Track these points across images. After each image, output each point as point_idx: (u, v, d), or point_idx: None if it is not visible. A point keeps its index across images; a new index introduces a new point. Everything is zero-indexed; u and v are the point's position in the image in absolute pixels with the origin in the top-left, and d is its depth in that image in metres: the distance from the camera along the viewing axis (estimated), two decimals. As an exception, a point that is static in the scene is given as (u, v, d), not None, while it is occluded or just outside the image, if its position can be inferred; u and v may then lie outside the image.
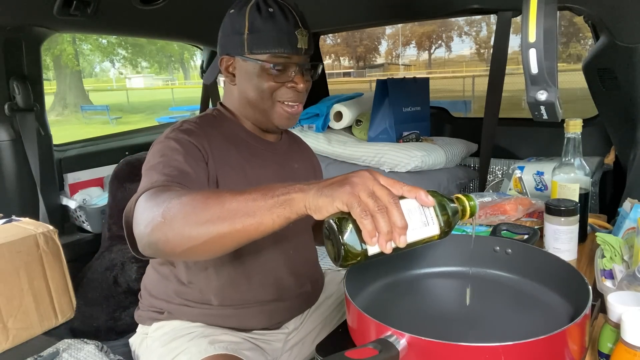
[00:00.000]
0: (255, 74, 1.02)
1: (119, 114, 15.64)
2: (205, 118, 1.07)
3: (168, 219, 0.70)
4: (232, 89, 1.08)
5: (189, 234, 0.68)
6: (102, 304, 1.76)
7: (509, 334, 0.64)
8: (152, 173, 0.88)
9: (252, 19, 0.98)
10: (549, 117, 0.88)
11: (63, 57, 15.60)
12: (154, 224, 0.71)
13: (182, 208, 0.70)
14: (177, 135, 0.96)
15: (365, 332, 0.70)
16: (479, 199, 1.48)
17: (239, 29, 1.00)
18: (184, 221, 0.68)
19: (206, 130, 1.02)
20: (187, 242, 0.68)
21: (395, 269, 0.95)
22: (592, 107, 1.92)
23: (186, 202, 0.70)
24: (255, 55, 1.00)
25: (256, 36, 0.99)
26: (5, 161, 1.74)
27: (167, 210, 0.71)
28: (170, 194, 0.75)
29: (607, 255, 1.01)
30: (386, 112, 2.19)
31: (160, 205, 0.73)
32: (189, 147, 0.95)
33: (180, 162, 0.91)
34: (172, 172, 0.87)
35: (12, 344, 1.17)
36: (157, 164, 0.90)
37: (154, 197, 0.77)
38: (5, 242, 1.18)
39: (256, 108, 1.05)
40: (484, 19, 29.99)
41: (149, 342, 1.09)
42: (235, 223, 0.64)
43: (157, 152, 0.94)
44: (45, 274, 1.26)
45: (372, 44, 37.85)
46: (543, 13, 0.79)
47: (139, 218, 0.75)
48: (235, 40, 1.01)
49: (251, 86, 1.03)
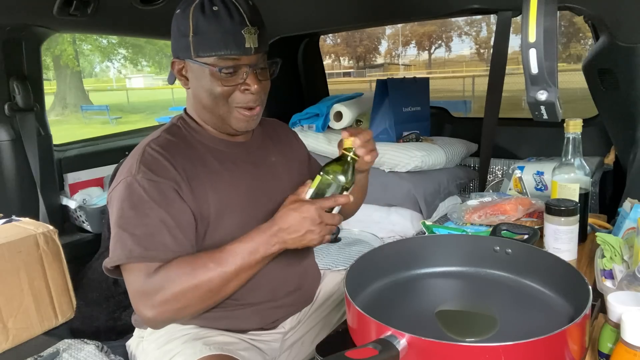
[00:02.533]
0: (205, 78, 0.96)
1: (119, 114, 15.64)
2: (170, 132, 1.03)
3: (177, 309, 0.90)
4: (189, 93, 1.04)
5: (204, 307, 0.94)
6: (102, 304, 1.76)
7: (509, 334, 0.64)
8: (128, 238, 0.90)
9: (196, 20, 0.92)
10: (549, 117, 0.88)
11: (63, 57, 15.59)
12: (168, 310, 0.89)
13: (190, 298, 0.89)
14: (146, 178, 0.92)
15: (365, 332, 0.70)
16: (479, 199, 1.48)
17: (184, 31, 0.94)
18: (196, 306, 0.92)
19: (172, 153, 0.97)
20: (201, 310, 0.95)
21: (395, 269, 0.95)
22: (592, 107, 1.92)
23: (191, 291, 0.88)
24: (202, 58, 0.94)
25: (200, 38, 0.93)
26: (5, 161, 1.74)
27: (173, 304, 0.89)
28: (170, 278, 0.88)
29: (607, 255, 1.01)
30: (386, 112, 2.19)
31: (163, 296, 0.88)
32: (163, 192, 0.93)
33: (154, 216, 0.91)
34: (149, 237, 0.90)
35: (12, 344, 1.17)
36: (133, 224, 0.90)
37: (153, 279, 0.88)
38: (5, 242, 1.18)
39: (213, 113, 1.01)
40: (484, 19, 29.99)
41: (145, 345, 1.08)
42: (240, 282, 0.92)
43: (128, 199, 0.92)
44: (45, 274, 1.26)
45: (372, 44, 37.84)
46: (543, 13, 0.79)
47: (146, 297, 0.89)
48: (182, 43, 0.95)
49: (204, 91, 0.98)
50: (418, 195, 1.96)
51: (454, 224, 1.41)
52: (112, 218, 0.94)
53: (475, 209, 1.40)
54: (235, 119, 1.01)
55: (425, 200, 1.96)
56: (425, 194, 1.97)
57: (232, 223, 1.00)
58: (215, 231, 0.99)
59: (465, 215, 1.41)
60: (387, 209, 2.06)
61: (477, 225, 1.37)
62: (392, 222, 2.03)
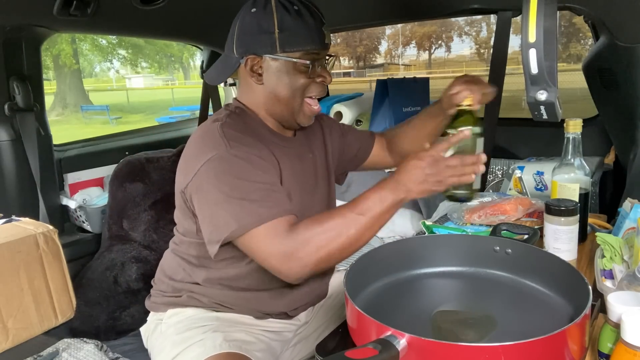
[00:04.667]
0: (286, 72, 1.02)
1: (119, 114, 15.63)
2: (232, 118, 1.04)
3: (325, 256, 0.88)
4: (255, 87, 1.06)
5: (346, 254, 0.91)
6: (102, 304, 1.76)
7: (509, 334, 0.64)
8: (245, 204, 0.90)
9: (281, 17, 0.98)
10: (549, 117, 0.88)
11: (62, 56, 15.59)
12: (314, 261, 0.88)
13: (330, 247, 0.88)
14: (237, 150, 0.94)
15: (365, 332, 0.70)
16: (479, 199, 1.48)
17: (268, 28, 0.98)
18: (338, 254, 0.90)
19: (246, 134, 1.00)
20: (341, 259, 0.93)
21: (395, 269, 0.95)
22: (592, 107, 1.92)
23: (331, 239, 0.88)
24: (287, 53, 1.00)
25: (287, 34, 0.98)
26: (5, 161, 1.74)
27: (320, 250, 0.88)
28: (311, 231, 0.89)
29: (607, 255, 1.01)
30: (386, 112, 2.19)
31: (308, 245, 0.88)
32: (255, 163, 0.95)
33: (261, 180, 0.93)
34: (266, 199, 0.91)
35: (12, 343, 1.17)
36: (246, 191, 0.91)
37: (293, 235, 0.89)
38: (5, 242, 1.18)
39: (286, 106, 1.05)
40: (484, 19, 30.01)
41: (164, 328, 1.09)
42: (374, 231, 0.91)
43: (229, 172, 0.92)
44: (45, 274, 1.26)
45: (372, 44, 37.85)
46: (543, 13, 0.79)
47: (291, 254, 0.88)
48: (264, 40, 0.99)
49: (282, 84, 1.03)
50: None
51: (454, 224, 1.41)
52: (211, 195, 0.93)
53: (475, 209, 1.40)
54: (303, 112, 1.07)
55: (425, 200, 1.96)
56: (425, 194, 1.96)
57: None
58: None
59: (465, 215, 1.41)
60: (387, 209, 2.06)
61: (477, 225, 1.37)
62: (392, 222, 2.02)
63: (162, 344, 1.07)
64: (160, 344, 1.07)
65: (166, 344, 1.05)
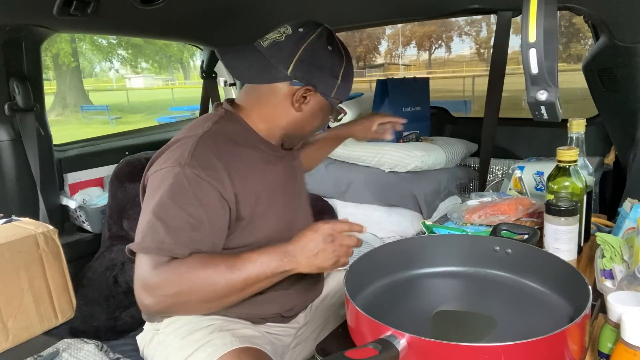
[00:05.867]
0: (323, 112, 1.08)
1: (119, 114, 15.62)
2: (221, 125, 1.03)
3: (174, 304, 0.89)
4: (286, 109, 1.04)
5: (200, 310, 0.98)
6: (102, 304, 1.76)
7: (509, 334, 0.64)
8: (161, 228, 0.88)
9: (347, 69, 1.05)
10: (549, 117, 0.88)
11: (61, 55, 15.58)
12: (166, 304, 0.89)
13: (192, 296, 0.88)
14: (193, 172, 0.92)
15: (365, 332, 0.70)
16: (479, 199, 1.48)
17: (336, 73, 1.04)
18: (195, 305, 0.92)
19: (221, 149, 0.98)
20: (197, 312, 1.01)
21: (395, 269, 0.95)
22: (592, 107, 1.92)
23: (196, 289, 0.88)
24: (334, 99, 1.07)
25: (344, 85, 1.06)
26: (5, 161, 1.74)
27: (175, 298, 0.88)
28: (179, 275, 0.88)
29: (607, 255, 1.01)
30: (386, 112, 2.19)
31: (167, 289, 0.87)
32: (206, 192, 0.92)
33: (192, 212, 0.90)
34: (182, 231, 0.89)
35: (12, 344, 1.17)
36: (169, 215, 0.89)
37: (162, 272, 0.88)
38: (5, 242, 1.18)
39: (302, 135, 1.12)
40: (484, 19, 29.98)
41: (162, 338, 1.07)
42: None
43: (169, 188, 0.91)
44: (45, 274, 1.26)
45: (372, 44, 37.83)
46: (543, 13, 0.79)
47: (150, 288, 0.88)
48: (329, 81, 1.04)
49: (316, 120, 1.08)
50: (418, 195, 1.96)
51: (454, 224, 1.41)
52: (149, 201, 0.93)
53: (475, 209, 1.40)
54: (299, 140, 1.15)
55: (425, 200, 1.96)
56: (425, 194, 1.97)
57: (271, 222, 1.04)
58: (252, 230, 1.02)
59: (465, 215, 1.41)
60: (387, 209, 2.06)
61: (477, 225, 1.37)
62: (392, 222, 2.03)
63: (164, 352, 1.04)
64: (162, 352, 1.05)
65: (170, 350, 1.03)
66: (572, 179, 1.09)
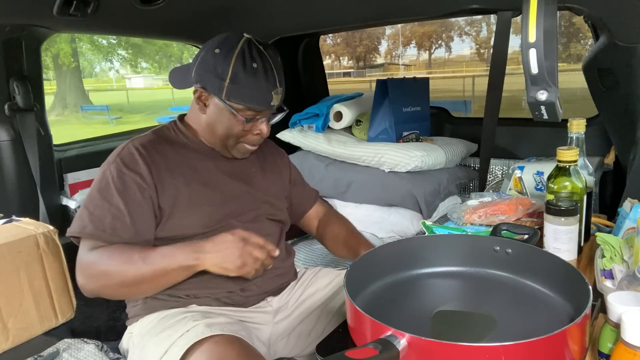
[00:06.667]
0: (227, 117, 1.09)
1: (119, 114, 15.63)
2: (158, 133, 1.14)
3: (100, 286, 1.00)
4: (199, 112, 1.13)
5: (122, 293, 1.05)
6: (102, 304, 1.75)
7: (509, 334, 0.64)
8: (86, 215, 1.02)
9: (236, 70, 1.03)
10: (550, 117, 0.88)
11: (60, 55, 15.58)
12: (95, 285, 1.00)
13: (110, 280, 0.99)
14: (117, 169, 1.04)
15: (365, 332, 0.70)
16: (479, 199, 1.48)
17: (222, 74, 1.04)
18: (115, 289, 1.01)
19: (149, 150, 1.08)
20: (120, 295, 1.09)
21: (395, 269, 0.95)
22: (592, 107, 1.92)
23: (112, 274, 0.98)
24: (231, 102, 1.06)
25: (236, 87, 1.04)
26: (5, 161, 1.74)
27: (98, 280, 0.99)
28: (100, 259, 0.99)
29: (607, 255, 1.01)
30: (386, 112, 2.19)
31: (92, 270, 0.99)
32: (126, 184, 1.03)
33: (113, 202, 1.02)
34: (103, 218, 1.01)
35: (12, 344, 1.17)
36: (94, 204, 1.02)
37: (90, 255, 1.00)
38: (5, 242, 1.18)
39: (220, 140, 1.13)
40: (484, 19, 30.00)
41: (136, 340, 1.08)
42: (156, 284, 1.01)
43: (98, 182, 1.05)
44: (45, 274, 1.26)
45: (372, 44, 37.83)
46: (543, 13, 0.79)
47: (81, 268, 1.01)
48: (215, 82, 1.05)
49: (220, 125, 1.10)
50: (418, 195, 1.96)
51: (454, 224, 1.41)
52: (89, 193, 1.06)
53: (475, 209, 1.40)
54: (237, 150, 1.15)
55: (425, 200, 1.96)
56: (425, 194, 1.97)
57: (200, 217, 1.08)
58: (180, 222, 1.06)
59: (465, 215, 1.41)
60: (387, 209, 2.06)
61: (477, 225, 1.37)
62: (392, 222, 2.03)
63: (141, 353, 1.03)
64: (140, 354, 1.04)
65: (147, 348, 1.02)
66: (572, 179, 1.09)
